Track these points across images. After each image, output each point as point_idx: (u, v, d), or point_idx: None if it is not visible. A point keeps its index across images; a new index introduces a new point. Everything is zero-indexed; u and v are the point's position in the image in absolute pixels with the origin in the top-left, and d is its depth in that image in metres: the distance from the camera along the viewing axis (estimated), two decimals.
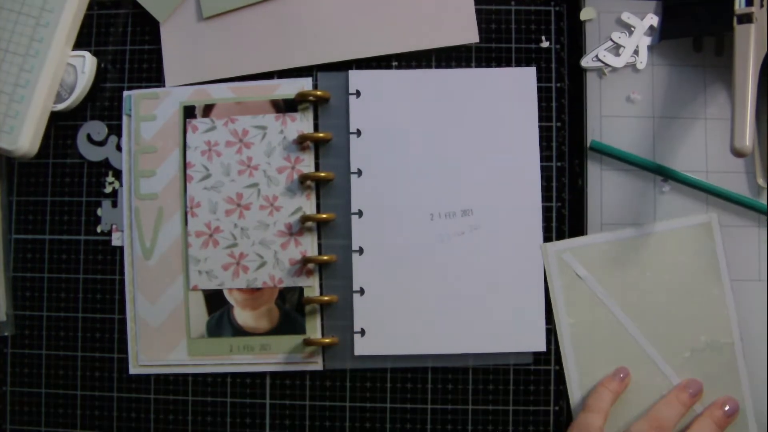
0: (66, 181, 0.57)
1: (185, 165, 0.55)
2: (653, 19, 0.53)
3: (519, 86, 0.54)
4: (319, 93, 0.54)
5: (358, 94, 0.54)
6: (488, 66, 0.55)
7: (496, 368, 0.53)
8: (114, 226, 0.56)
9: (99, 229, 0.56)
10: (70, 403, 0.55)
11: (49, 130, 0.56)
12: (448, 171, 0.53)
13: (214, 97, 0.56)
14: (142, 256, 0.55)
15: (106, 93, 0.57)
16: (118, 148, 0.56)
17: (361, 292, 0.53)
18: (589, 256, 0.52)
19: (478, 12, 0.55)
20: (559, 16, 0.55)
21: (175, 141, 0.56)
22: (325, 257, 0.53)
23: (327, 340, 0.53)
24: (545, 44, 0.55)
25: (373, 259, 0.53)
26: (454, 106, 0.54)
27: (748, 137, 0.43)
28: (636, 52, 0.53)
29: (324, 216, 0.53)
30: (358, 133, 0.54)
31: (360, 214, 0.54)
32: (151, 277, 0.55)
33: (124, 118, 0.56)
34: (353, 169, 0.54)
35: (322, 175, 0.54)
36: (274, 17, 0.55)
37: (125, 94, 0.56)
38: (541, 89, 0.54)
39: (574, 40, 0.55)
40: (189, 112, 0.56)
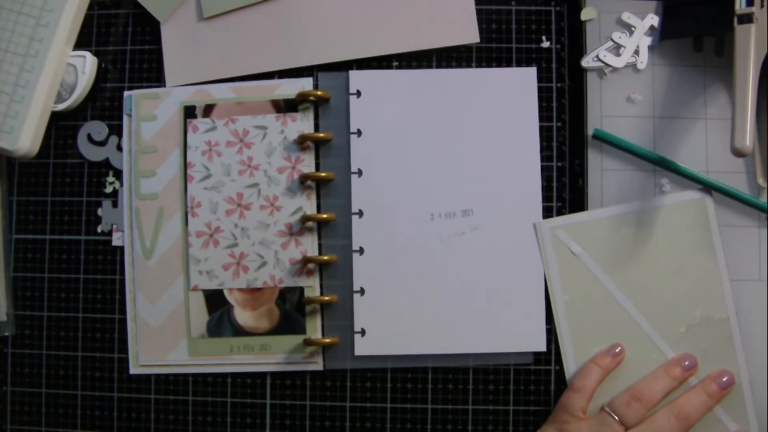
0: (66, 181, 0.57)
1: (186, 165, 0.55)
2: (653, 19, 0.53)
3: (519, 86, 0.54)
4: (320, 93, 0.54)
5: (359, 94, 0.54)
6: (489, 66, 0.55)
7: (496, 368, 0.53)
8: (114, 226, 0.56)
9: (99, 229, 0.56)
10: (71, 403, 0.55)
11: (49, 130, 0.56)
12: (449, 171, 0.53)
13: (215, 97, 0.56)
14: (142, 256, 0.55)
15: (107, 93, 0.57)
16: (119, 148, 0.56)
17: (362, 292, 0.53)
18: (583, 233, 0.52)
19: (479, 12, 0.55)
20: (560, 16, 0.55)
21: (175, 141, 0.56)
22: (326, 257, 0.53)
23: (327, 340, 0.53)
24: (546, 44, 0.55)
25: (373, 259, 0.53)
26: (455, 106, 0.54)
27: (749, 137, 0.43)
28: (636, 52, 0.53)
29: (324, 216, 0.53)
30: (359, 133, 0.54)
31: (360, 214, 0.54)
32: (151, 277, 0.55)
33: (125, 118, 0.56)
34: (353, 169, 0.54)
35: (323, 175, 0.54)
36: (274, 17, 0.55)
37: (126, 94, 0.56)
38: (541, 89, 0.54)
39: (575, 40, 0.55)
40: (189, 112, 0.56)
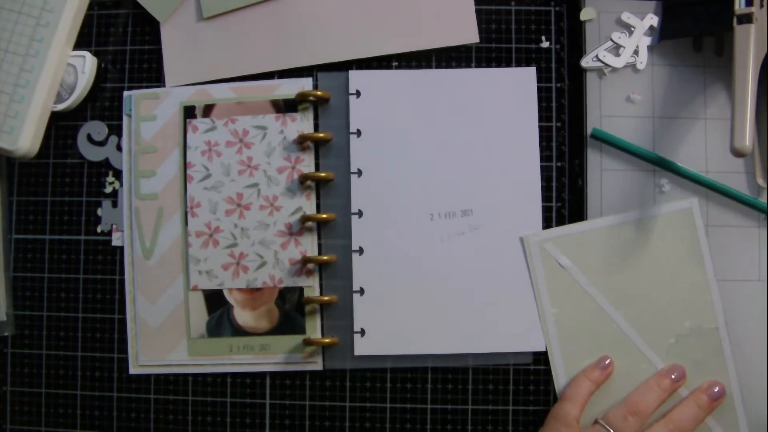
0: (66, 181, 0.57)
1: (185, 165, 0.55)
2: (653, 19, 0.53)
3: (519, 86, 0.54)
4: (320, 93, 0.54)
5: (359, 94, 0.54)
6: (488, 66, 0.55)
7: (496, 368, 0.53)
8: (114, 226, 0.56)
9: (99, 229, 0.56)
10: (70, 403, 0.55)
11: (49, 130, 0.56)
12: (448, 171, 0.53)
13: (215, 97, 0.56)
14: (142, 256, 0.55)
15: (107, 93, 0.57)
16: (119, 148, 0.56)
17: (361, 292, 0.53)
18: (571, 246, 0.52)
19: (478, 12, 0.55)
20: (559, 16, 0.55)
21: (175, 141, 0.56)
22: (325, 257, 0.53)
23: (327, 340, 0.53)
24: (545, 44, 0.55)
25: (373, 259, 0.53)
26: (454, 106, 0.54)
27: (748, 137, 0.43)
28: (636, 52, 0.53)
29: (324, 216, 0.53)
30: (358, 133, 0.54)
31: (360, 214, 0.54)
32: (151, 277, 0.55)
33: (125, 118, 0.56)
34: (353, 169, 0.54)
35: (322, 175, 0.54)
36: (274, 17, 0.55)
37: (125, 94, 0.56)
38: (541, 89, 0.54)
39: (574, 40, 0.55)
40: (189, 112, 0.56)
